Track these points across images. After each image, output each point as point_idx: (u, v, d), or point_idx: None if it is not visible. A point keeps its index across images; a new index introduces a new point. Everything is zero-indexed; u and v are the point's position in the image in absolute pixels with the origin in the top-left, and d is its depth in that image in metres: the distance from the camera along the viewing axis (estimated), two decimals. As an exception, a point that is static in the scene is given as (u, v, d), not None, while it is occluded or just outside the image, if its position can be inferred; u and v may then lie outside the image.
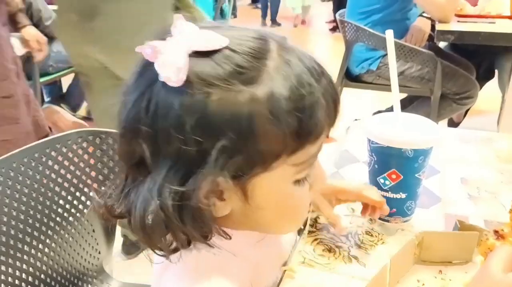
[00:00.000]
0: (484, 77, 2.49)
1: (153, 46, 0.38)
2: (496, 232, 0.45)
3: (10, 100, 1.36)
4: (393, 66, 0.62)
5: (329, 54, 4.15)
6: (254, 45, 0.39)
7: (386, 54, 2.07)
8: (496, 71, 2.40)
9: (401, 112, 0.63)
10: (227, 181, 0.39)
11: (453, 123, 2.58)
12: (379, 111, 2.20)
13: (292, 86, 0.38)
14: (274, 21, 6.49)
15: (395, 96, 0.63)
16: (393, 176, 0.62)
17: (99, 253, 0.93)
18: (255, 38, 0.40)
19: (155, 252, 0.43)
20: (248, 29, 0.42)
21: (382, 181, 0.63)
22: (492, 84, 2.48)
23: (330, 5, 5.84)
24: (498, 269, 0.38)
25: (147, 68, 0.39)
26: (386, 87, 2.19)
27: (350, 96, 2.75)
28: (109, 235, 0.95)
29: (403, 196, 0.63)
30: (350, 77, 2.21)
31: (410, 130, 0.61)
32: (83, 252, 0.90)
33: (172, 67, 0.37)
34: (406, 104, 2.29)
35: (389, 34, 0.61)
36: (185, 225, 0.39)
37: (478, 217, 0.67)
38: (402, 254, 0.54)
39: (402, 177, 0.61)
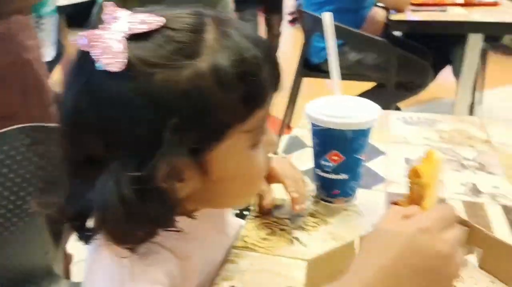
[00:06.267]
0: (440, 64, 2.56)
1: (88, 35, 0.38)
2: (395, 203, 0.46)
3: None
4: (332, 49, 0.62)
5: (290, 45, 4.18)
6: (190, 21, 0.40)
7: (344, 43, 2.10)
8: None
9: (341, 95, 0.64)
10: (184, 159, 0.39)
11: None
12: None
13: (233, 55, 0.39)
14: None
15: (335, 79, 0.64)
16: (335, 157, 0.62)
17: (47, 253, 0.90)
18: (190, 14, 0.41)
19: (122, 246, 0.41)
20: (182, 8, 0.42)
21: (324, 162, 0.63)
22: (449, 71, 2.56)
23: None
24: (381, 222, 0.39)
25: (84, 61, 0.39)
26: (345, 75, 2.22)
27: (311, 86, 2.79)
28: (57, 235, 0.92)
29: (346, 177, 0.63)
30: (310, 67, 2.23)
31: (350, 112, 0.61)
32: (29, 253, 0.86)
33: (110, 53, 0.36)
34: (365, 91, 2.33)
35: (326, 17, 0.62)
36: (147, 210, 0.38)
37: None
38: None
39: (343, 158, 0.62)
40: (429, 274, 0.36)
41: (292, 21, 5.43)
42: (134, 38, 0.37)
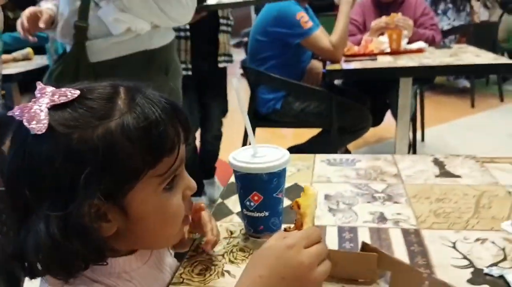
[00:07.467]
0: (382, 108, 2.79)
1: (21, 107, 0.49)
2: (285, 230, 0.57)
3: None
4: (243, 107, 0.74)
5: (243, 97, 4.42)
6: (103, 91, 0.52)
7: (287, 94, 2.27)
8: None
9: (256, 144, 0.75)
10: (103, 202, 0.48)
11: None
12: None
13: (139, 116, 0.50)
14: None
15: (249, 132, 0.75)
16: (255, 198, 0.73)
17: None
18: (106, 86, 0.53)
19: (55, 277, 0.50)
20: (105, 82, 0.54)
21: (247, 203, 0.74)
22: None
23: (243, 52, 6.16)
24: (265, 243, 0.50)
25: (20, 127, 0.49)
26: (293, 123, 2.39)
27: (264, 135, 2.94)
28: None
29: (267, 214, 0.74)
30: (259, 117, 2.38)
31: (263, 158, 0.73)
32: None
33: (36, 120, 0.47)
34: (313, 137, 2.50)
35: (234, 82, 0.74)
36: (74, 245, 0.47)
37: (334, 225, 0.79)
38: None
39: (262, 197, 0.73)
40: (295, 281, 0.46)
41: (243, 74, 5.72)
42: (56, 107, 0.48)
